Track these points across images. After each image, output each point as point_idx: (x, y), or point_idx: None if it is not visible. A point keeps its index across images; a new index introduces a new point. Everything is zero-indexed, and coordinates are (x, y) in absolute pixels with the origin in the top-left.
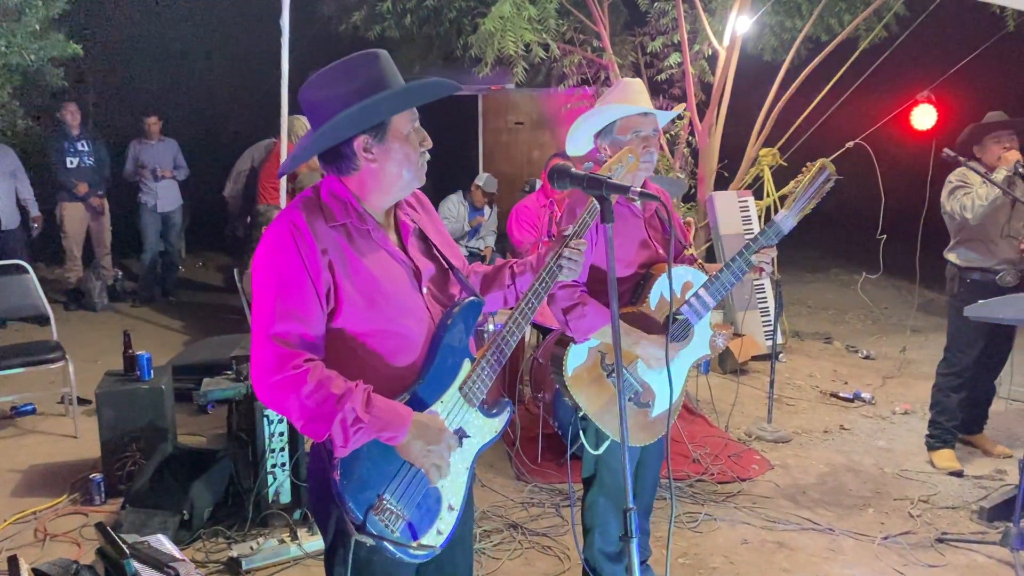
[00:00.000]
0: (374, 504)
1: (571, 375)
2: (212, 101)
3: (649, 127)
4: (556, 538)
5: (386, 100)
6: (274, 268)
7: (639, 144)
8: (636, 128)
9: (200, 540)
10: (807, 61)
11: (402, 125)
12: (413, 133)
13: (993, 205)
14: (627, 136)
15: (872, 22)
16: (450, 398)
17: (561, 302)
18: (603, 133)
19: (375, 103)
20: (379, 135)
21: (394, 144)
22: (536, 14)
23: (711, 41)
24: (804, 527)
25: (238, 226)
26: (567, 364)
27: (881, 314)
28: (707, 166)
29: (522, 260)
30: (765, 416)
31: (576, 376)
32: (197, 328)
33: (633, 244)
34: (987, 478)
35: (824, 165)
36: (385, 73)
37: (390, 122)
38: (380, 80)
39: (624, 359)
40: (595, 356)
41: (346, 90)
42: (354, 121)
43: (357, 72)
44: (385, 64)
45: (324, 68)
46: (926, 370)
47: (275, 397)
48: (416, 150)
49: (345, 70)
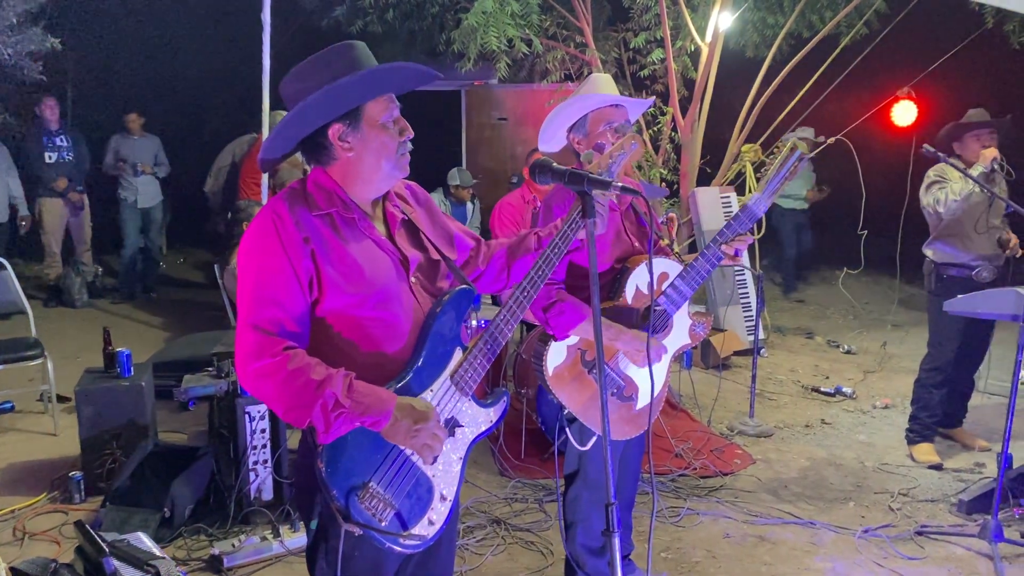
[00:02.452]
0: (360, 491)
1: (552, 374)
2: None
3: (621, 118)
4: (539, 533)
5: (352, 84)
6: (255, 257)
7: (612, 135)
8: (608, 120)
9: (181, 538)
10: (789, 57)
11: (376, 113)
12: (391, 122)
13: (968, 201)
14: (600, 128)
15: (853, 19)
16: (440, 386)
17: (540, 300)
18: (576, 127)
19: (340, 87)
20: (353, 123)
21: (370, 133)
22: (519, 9)
23: (694, 37)
24: (786, 521)
25: (219, 222)
26: (548, 363)
27: (862, 309)
28: (690, 162)
29: (547, 227)
30: (747, 411)
31: (557, 375)
32: (178, 324)
33: (609, 238)
34: (966, 471)
35: (795, 145)
36: (356, 60)
37: (363, 109)
38: (350, 66)
39: (606, 353)
40: (575, 353)
41: (319, 79)
42: (322, 106)
43: (331, 61)
44: (360, 53)
45: (304, 61)
46: (906, 364)
47: (256, 384)
48: (395, 139)
49: (320, 61)
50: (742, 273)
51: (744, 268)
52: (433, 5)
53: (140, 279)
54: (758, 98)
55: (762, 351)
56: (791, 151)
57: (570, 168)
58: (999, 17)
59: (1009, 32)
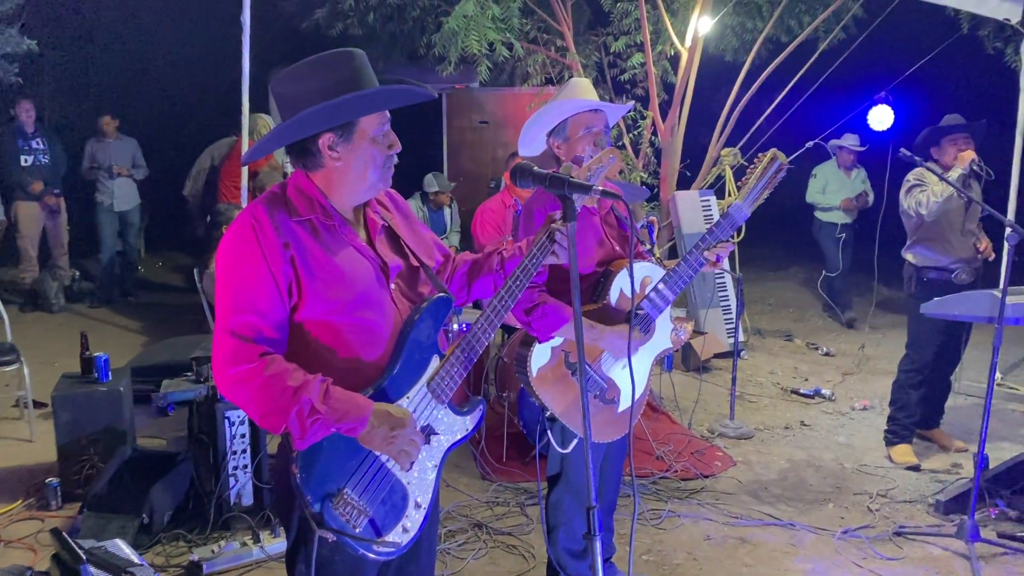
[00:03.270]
0: (335, 498)
1: (536, 375)
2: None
3: (600, 123)
4: (521, 537)
5: (353, 101)
6: (234, 261)
7: (591, 140)
8: (588, 125)
9: (160, 544)
10: (767, 62)
11: (370, 127)
12: (381, 136)
13: (949, 203)
14: (580, 133)
15: (831, 24)
16: (417, 394)
17: (522, 303)
18: (555, 132)
19: (342, 103)
20: (346, 135)
21: (360, 144)
22: (500, 13)
23: (673, 41)
24: (766, 522)
25: (198, 225)
26: (531, 364)
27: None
28: (670, 166)
29: (511, 247)
30: (728, 413)
31: (541, 376)
32: (157, 329)
33: (592, 242)
34: (943, 472)
35: (775, 155)
36: (358, 73)
37: (358, 123)
38: (351, 80)
39: (589, 355)
40: (559, 355)
41: (316, 86)
42: (320, 118)
43: (330, 69)
44: (360, 65)
45: (299, 62)
46: (884, 366)
47: (233, 390)
48: (383, 152)
49: (319, 66)
50: (722, 276)
51: (724, 271)
52: (414, 8)
53: (118, 283)
54: (737, 102)
55: (742, 353)
56: (771, 161)
57: (551, 172)
58: (973, 23)
59: (984, 37)
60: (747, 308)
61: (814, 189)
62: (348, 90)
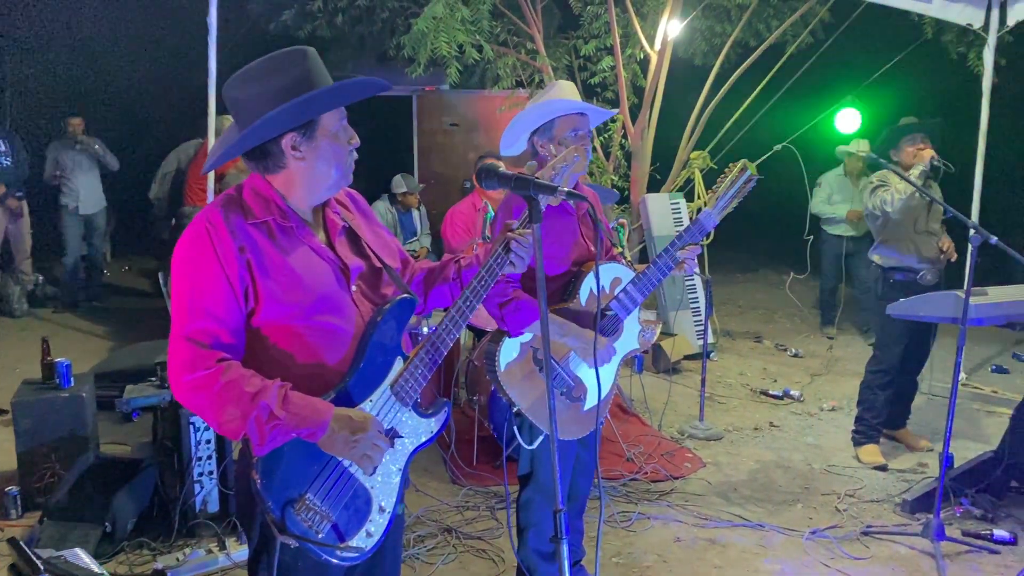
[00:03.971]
0: (296, 504)
1: (504, 370)
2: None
3: (586, 127)
4: (491, 541)
5: (318, 98)
6: (189, 266)
7: (577, 142)
8: (575, 127)
9: (123, 552)
10: (736, 65)
11: (331, 123)
12: (342, 131)
13: (912, 200)
14: (566, 133)
15: (799, 28)
16: (380, 397)
17: (495, 297)
18: (541, 131)
19: (307, 101)
20: (308, 133)
21: (323, 142)
22: (469, 15)
23: (643, 45)
24: (735, 524)
25: (164, 228)
26: (500, 359)
27: (809, 313)
28: (640, 169)
29: (468, 255)
30: (697, 414)
31: (509, 371)
32: (122, 334)
33: (569, 242)
34: (910, 471)
35: (745, 166)
36: (313, 71)
37: (319, 120)
38: (309, 78)
39: (557, 353)
40: (527, 351)
41: (274, 87)
42: (284, 119)
43: (285, 69)
44: (313, 61)
45: (250, 64)
46: (852, 367)
47: (190, 397)
48: (345, 148)
49: (272, 67)
50: (691, 278)
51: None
52: (383, 10)
53: (83, 288)
54: (706, 105)
55: (711, 355)
56: (741, 171)
57: (516, 172)
58: (938, 28)
59: (947, 43)
60: (716, 310)
61: (819, 199)
62: (307, 88)
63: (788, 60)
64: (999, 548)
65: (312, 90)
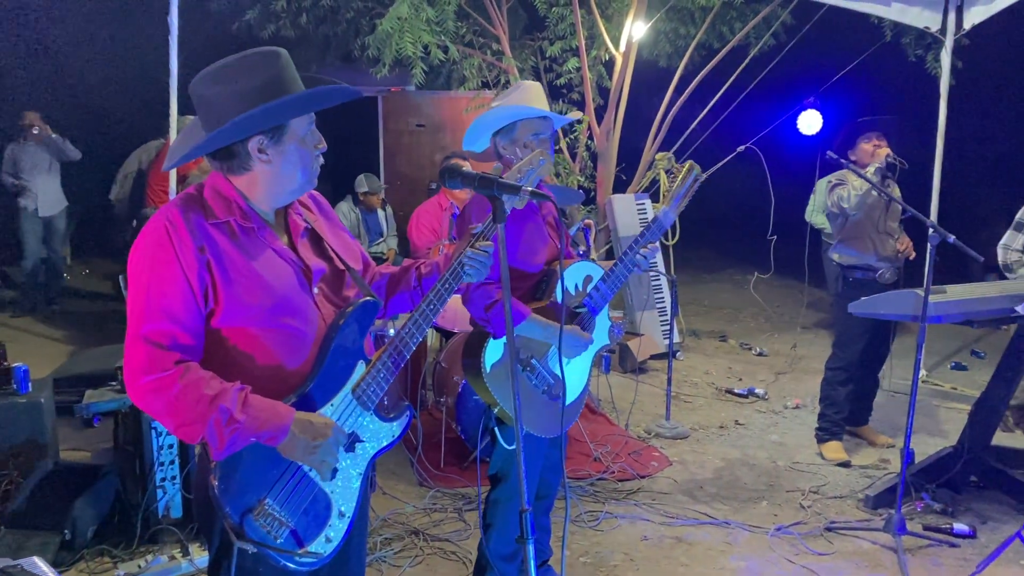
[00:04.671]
0: (254, 509)
1: (490, 371)
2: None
3: (547, 131)
4: (458, 543)
5: (290, 104)
6: (147, 266)
7: (539, 146)
8: (537, 131)
9: (83, 560)
10: (700, 67)
11: (300, 128)
12: (309, 135)
13: (869, 196)
14: (527, 137)
15: (762, 30)
16: (341, 401)
17: (480, 300)
18: (503, 132)
19: (279, 106)
20: (276, 137)
21: (290, 146)
22: (434, 16)
23: (608, 47)
24: (701, 521)
25: (125, 230)
26: (485, 361)
27: (773, 312)
28: (606, 169)
29: (429, 260)
30: (664, 413)
31: (494, 372)
32: (83, 338)
33: (540, 243)
34: (872, 467)
35: (692, 167)
36: (285, 74)
37: (288, 124)
38: (281, 81)
39: (537, 352)
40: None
41: (245, 88)
42: (254, 123)
43: (257, 71)
44: (285, 64)
45: (220, 62)
46: (816, 365)
47: (147, 399)
48: (311, 152)
49: (243, 67)
50: (657, 279)
51: (660, 273)
52: (348, 10)
53: (42, 291)
54: (671, 107)
55: (678, 354)
56: (689, 171)
57: (480, 173)
58: (896, 31)
59: (906, 45)
60: (682, 310)
61: (814, 208)
62: (279, 92)
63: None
64: (958, 542)
65: (284, 95)
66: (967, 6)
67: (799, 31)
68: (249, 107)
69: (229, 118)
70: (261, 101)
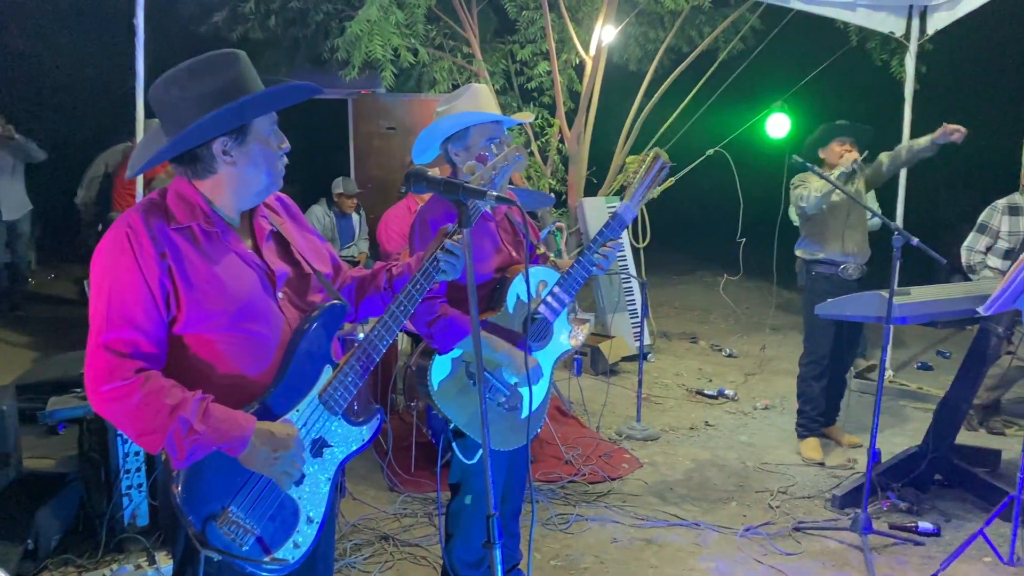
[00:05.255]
0: (218, 517)
1: (438, 389)
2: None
3: (501, 134)
4: (429, 548)
5: (251, 104)
6: (108, 273)
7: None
8: (490, 135)
9: (47, 570)
10: (670, 71)
11: (263, 128)
12: (273, 136)
13: (827, 198)
14: (482, 142)
15: (730, 34)
16: (307, 406)
17: (423, 316)
18: (455, 139)
19: (240, 107)
20: (239, 138)
21: (254, 147)
22: (404, 19)
23: (578, 50)
24: (671, 523)
25: (91, 235)
26: (432, 378)
27: (743, 314)
28: (577, 173)
29: (400, 262)
30: (635, 415)
31: (443, 389)
32: (47, 344)
33: (489, 249)
34: (840, 467)
35: (658, 154)
36: (244, 74)
37: (251, 125)
38: (240, 82)
39: (490, 363)
40: (460, 366)
41: (204, 91)
42: (216, 125)
43: (215, 73)
44: (244, 65)
45: (178, 66)
46: (785, 366)
47: (107, 408)
48: (275, 153)
49: (202, 70)
50: (628, 281)
51: (631, 276)
52: (317, 13)
53: (6, 296)
54: (641, 110)
55: (648, 356)
56: (654, 160)
57: (446, 177)
58: (862, 36)
59: (871, 49)
60: (653, 312)
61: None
62: (240, 93)
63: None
64: (923, 540)
65: (244, 95)
66: (930, 12)
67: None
68: (210, 110)
69: (191, 122)
70: (222, 103)
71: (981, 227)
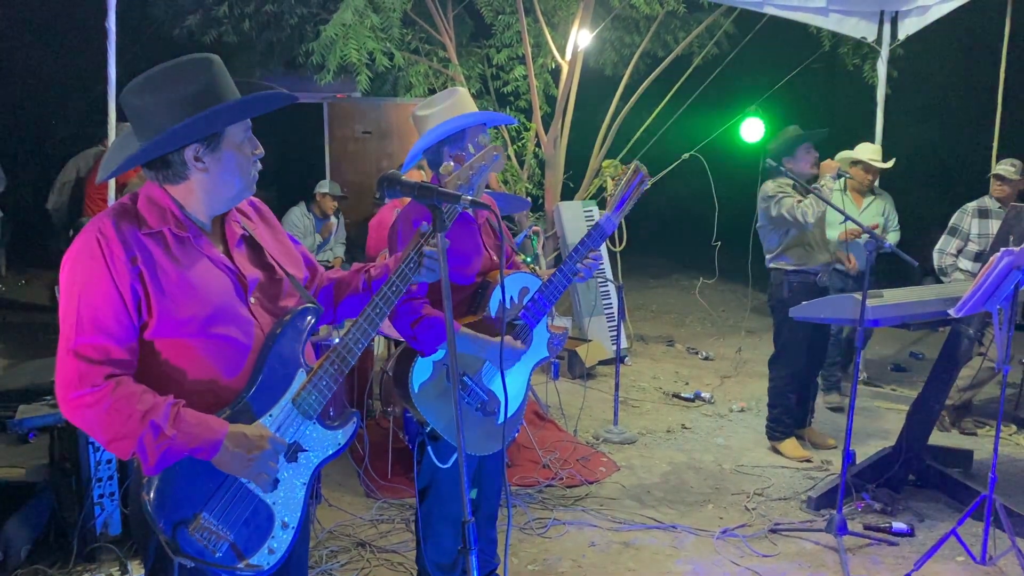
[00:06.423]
0: (190, 523)
1: (418, 391)
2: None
3: (486, 135)
4: (406, 554)
5: (225, 112)
6: (78, 278)
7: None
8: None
9: None
10: (645, 76)
11: (236, 134)
12: (247, 141)
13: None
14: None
15: (705, 39)
16: (281, 410)
17: (405, 317)
18: (452, 141)
19: (214, 114)
20: (213, 144)
21: (227, 153)
22: (379, 23)
23: (554, 55)
24: (649, 526)
25: (62, 240)
26: (413, 380)
27: (719, 317)
28: (554, 177)
29: (379, 264)
30: (612, 419)
31: (423, 392)
32: (18, 351)
33: (472, 252)
34: (815, 468)
35: (638, 167)
36: (219, 81)
37: (225, 132)
38: (215, 88)
39: (470, 368)
40: (441, 370)
41: (178, 97)
42: (189, 132)
43: (189, 78)
44: (218, 70)
45: (151, 71)
46: (760, 369)
47: (77, 415)
48: (249, 159)
49: (175, 75)
50: (605, 284)
51: (608, 280)
52: (292, 16)
53: None
54: (617, 115)
55: (625, 359)
56: (635, 173)
57: (420, 181)
58: (835, 41)
59: (844, 55)
60: (630, 315)
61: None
62: (214, 100)
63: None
64: (897, 540)
65: (219, 102)
66: (901, 17)
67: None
68: (183, 116)
69: (164, 128)
70: (196, 110)
71: (952, 230)
